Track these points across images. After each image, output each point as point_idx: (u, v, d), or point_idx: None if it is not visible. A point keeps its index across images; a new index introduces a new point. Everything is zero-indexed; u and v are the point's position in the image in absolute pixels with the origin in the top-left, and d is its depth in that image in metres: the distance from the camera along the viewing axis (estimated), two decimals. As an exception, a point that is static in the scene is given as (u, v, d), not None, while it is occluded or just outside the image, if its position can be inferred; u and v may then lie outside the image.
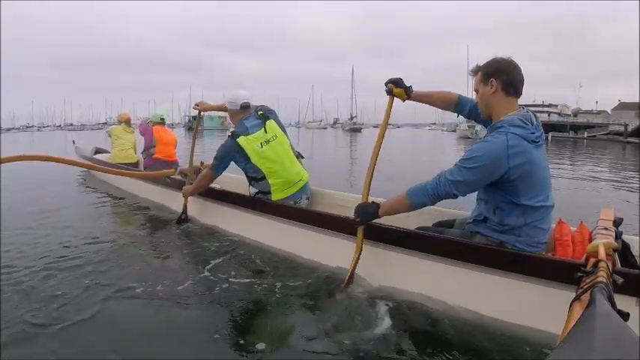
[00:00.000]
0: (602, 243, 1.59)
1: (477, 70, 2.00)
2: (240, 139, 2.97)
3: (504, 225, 1.91)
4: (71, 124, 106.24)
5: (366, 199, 2.31)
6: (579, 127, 42.69)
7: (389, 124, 2.60)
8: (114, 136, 6.41)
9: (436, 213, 2.68)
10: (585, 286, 1.30)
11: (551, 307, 1.67)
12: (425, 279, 2.15)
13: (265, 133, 3.03)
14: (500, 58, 1.93)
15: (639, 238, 2.14)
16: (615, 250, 1.65)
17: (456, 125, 45.07)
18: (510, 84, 1.89)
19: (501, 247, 1.93)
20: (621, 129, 36.86)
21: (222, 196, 3.54)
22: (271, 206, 3.02)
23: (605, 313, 1.05)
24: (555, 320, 1.39)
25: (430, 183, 1.96)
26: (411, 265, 2.19)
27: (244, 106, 3.18)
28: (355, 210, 2.26)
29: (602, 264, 1.41)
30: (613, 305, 1.15)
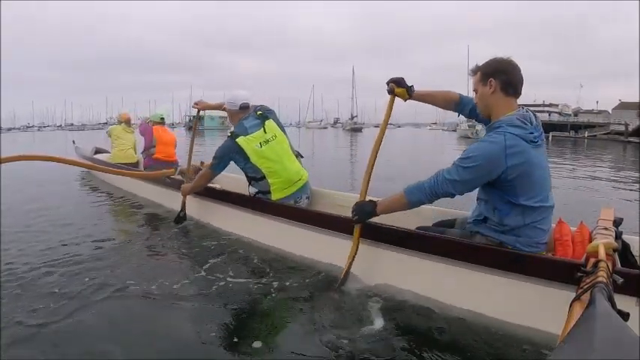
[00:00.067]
0: (602, 243, 1.59)
1: (476, 70, 1.99)
2: (240, 139, 2.97)
3: (504, 225, 1.91)
4: (72, 124, 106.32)
5: (364, 197, 2.32)
6: (580, 127, 42.66)
7: (390, 123, 2.59)
8: (114, 136, 6.41)
9: (436, 213, 2.68)
10: (585, 286, 1.30)
11: (551, 307, 1.66)
12: (425, 279, 2.15)
13: (264, 133, 3.03)
14: (500, 58, 1.93)
15: (639, 238, 2.14)
16: (615, 250, 1.65)
17: (457, 125, 45.05)
18: (509, 84, 1.89)
19: (501, 247, 1.93)
20: (622, 129, 36.83)
21: (221, 196, 3.53)
22: (270, 206, 3.02)
23: (605, 313, 1.05)
24: (555, 320, 1.39)
25: (428, 181, 1.97)
26: (411, 265, 2.19)
27: (243, 107, 3.18)
28: (353, 208, 2.27)
29: (602, 264, 1.41)
30: (613, 305, 1.15)
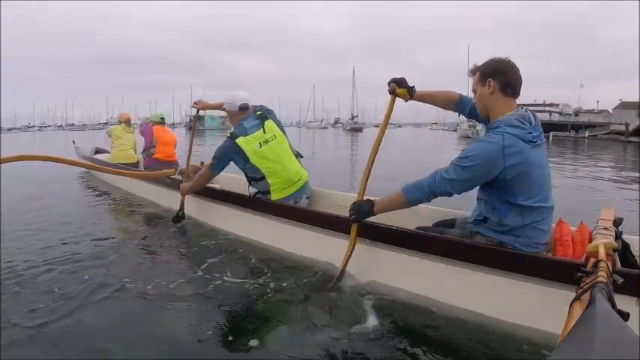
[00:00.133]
0: (602, 243, 1.58)
1: (474, 71, 2.00)
2: (239, 139, 2.97)
3: (503, 225, 1.91)
4: (72, 124, 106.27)
5: (362, 196, 2.33)
6: (580, 127, 42.64)
7: (390, 123, 2.59)
8: (114, 136, 6.41)
9: (436, 213, 2.68)
10: (585, 286, 1.29)
11: (551, 307, 1.66)
12: (424, 279, 2.15)
13: (264, 133, 3.04)
14: (498, 58, 1.93)
15: (639, 238, 2.14)
16: (615, 250, 1.65)
17: (457, 125, 45.04)
18: (508, 84, 1.90)
19: (501, 247, 1.93)
20: (622, 128, 36.82)
21: (221, 196, 3.54)
22: (270, 206, 3.02)
23: (605, 313, 1.05)
24: (555, 320, 1.38)
25: (426, 180, 1.98)
26: (411, 265, 2.19)
27: (243, 107, 3.18)
28: (350, 207, 2.28)
29: (602, 264, 1.41)
30: (613, 305, 1.15)
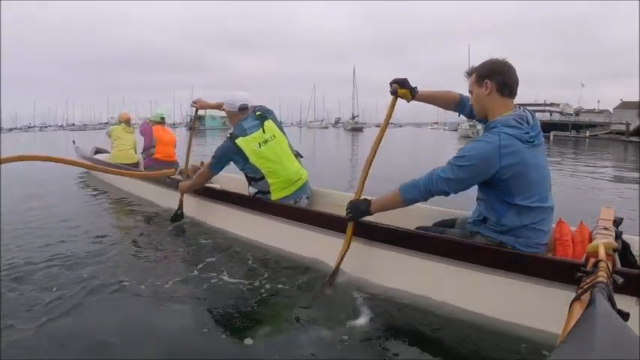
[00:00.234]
0: (602, 243, 1.58)
1: (471, 72, 2.01)
2: (239, 140, 2.98)
3: (502, 225, 1.91)
4: (73, 124, 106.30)
5: (359, 196, 2.35)
6: (581, 126, 42.55)
7: (391, 123, 2.60)
8: (114, 137, 6.41)
9: (436, 213, 2.68)
10: (585, 286, 1.29)
11: (551, 307, 1.66)
12: (424, 279, 2.14)
13: (263, 133, 3.04)
14: (495, 59, 1.94)
15: (639, 238, 2.13)
16: (615, 250, 1.65)
17: (458, 125, 45.01)
18: (505, 85, 1.90)
19: (501, 247, 1.93)
20: (623, 128, 36.77)
21: (221, 196, 3.54)
22: (269, 206, 3.03)
23: (605, 313, 1.05)
24: (555, 320, 1.38)
25: (423, 179, 1.99)
26: (410, 265, 2.18)
27: (242, 108, 3.18)
28: (347, 206, 2.30)
29: (602, 264, 1.40)
30: (613, 305, 1.15)
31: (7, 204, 4.67)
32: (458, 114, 2.46)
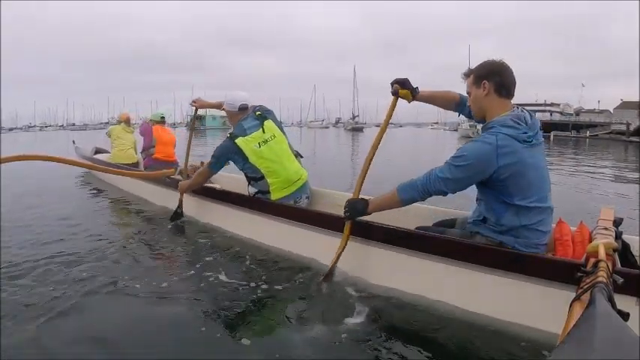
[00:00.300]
0: (602, 243, 1.58)
1: (469, 74, 2.02)
2: (239, 140, 2.98)
3: (501, 225, 1.91)
4: (73, 123, 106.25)
5: (357, 195, 2.35)
6: (581, 126, 42.50)
7: (392, 123, 2.60)
8: (114, 136, 6.40)
9: (436, 213, 2.68)
10: (585, 286, 1.29)
11: (552, 307, 1.66)
12: (423, 279, 2.14)
13: (263, 133, 3.04)
14: (492, 60, 1.96)
15: (639, 238, 2.13)
16: (615, 250, 1.65)
17: (458, 125, 45.01)
18: (503, 86, 1.91)
19: (501, 247, 1.92)
20: (623, 128, 36.73)
21: (220, 196, 3.54)
22: (268, 205, 3.03)
23: (605, 313, 1.05)
24: (555, 320, 1.38)
25: (420, 179, 1.99)
26: (410, 265, 2.18)
27: (242, 108, 3.18)
28: (345, 205, 2.31)
29: (602, 264, 1.40)
30: (613, 305, 1.15)
31: (7, 204, 4.68)
32: (458, 114, 2.47)
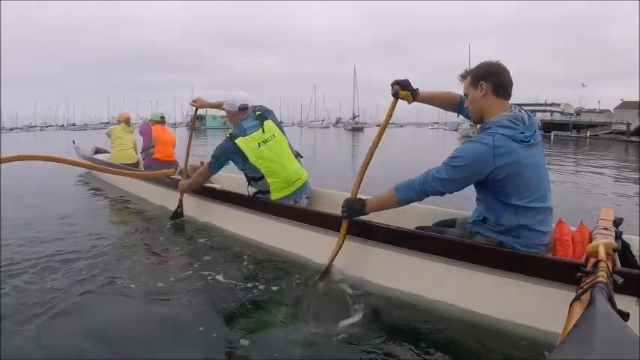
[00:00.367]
0: (602, 243, 1.58)
1: (465, 75, 2.03)
2: (238, 140, 2.99)
3: (500, 225, 1.92)
4: (74, 123, 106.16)
5: (355, 195, 2.36)
6: (582, 126, 42.46)
7: (392, 123, 2.60)
8: (114, 136, 6.39)
9: (436, 213, 2.68)
10: (585, 286, 1.29)
11: (552, 307, 1.66)
12: (424, 279, 2.14)
13: (263, 133, 3.04)
14: (489, 61, 1.97)
15: (639, 238, 2.13)
16: (615, 250, 1.65)
17: (458, 124, 45.00)
18: (500, 86, 1.92)
19: (501, 247, 1.92)
20: (624, 128, 36.69)
21: (220, 196, 3.54)
22: (268, 205, 3.03)
23: (605, 313, 1.05)
24: (555, 320, 1.38)
25: (418, 179, 2.00)
26: (410, 265, 2.18)
27: (242, 108, 3.18)
28: (342, 204, 2.32)
29: (602, 264, 1.40)
30: (613, 305, 1.15)
31: (8, 205, 4.68)
32: (457, 114, 2.47)
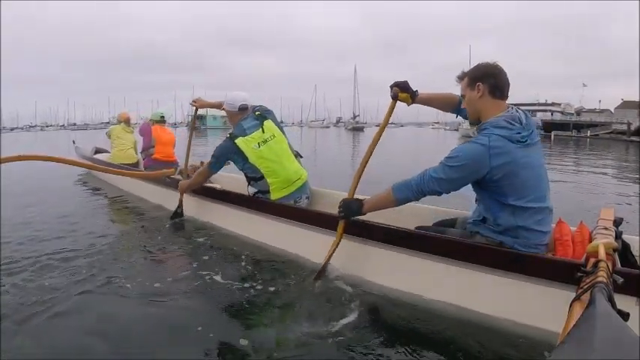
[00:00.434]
0: (602, 243, 1.58)
1: (462, 77, 2.04)
2: (238, 140, 2.99)
3: (498, 225, 1.92)
4: (74, 123, 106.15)
5: (352, 195, 2.38)
6: (582, 126, 42.39)
7: (393, 123, 2.61)
8: (114, 136, 6.38)
9: (436, 213, 2.68)
10: (585, 286, 1.29)
11: (552, 306, 1.66)
12: (424, 279, 2.14)
13: (263, 133, 3.05)
14: (486, 63, 1.98)
15: (639, 238, 2.13)
16: (615, 250, 1.65)
17: (459, 124, 44.95)
18: (496, 87, 1.93)
19: (501, 247, 1.92)
20: (624, 128, 36.65)
21: (220, 195, 3.54)
22: (267, 205, 3.03)
23: (605, 313, 1.05)
24: (555, 320, 1.38)
25: (415, 179, 2.01)
26: (411, 265, 2.18)
27: (242, 108, 3.18)
28: (340, 204, 2.33)
29: (602, 264, 1.40)
30: (613, 305, 1.15)
31: (8, 204, 4.68)
32: (456, 115, 2.47)
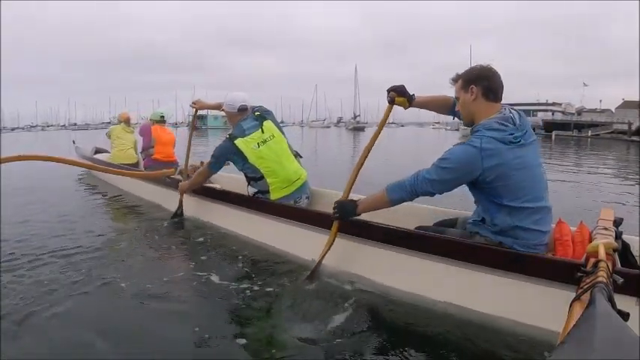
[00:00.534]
0: (602, 243, 1.58)
1: (457, 79, 2.04)
2: (238, 140, 3.00)
3: (495, 226, 1.93)
4: (75, 123, 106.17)
5: (347, 196, 2.38)
6: (583, 126, 42.31)
7: (393, 123, 2.61)
8: (114, 137, 6.38)
9: (436, 213, 2.68)
10: (585, 286, 1.29)
11: (552, 307, 1.65)
12: (424, 278, 2.14)
13: (262, 133, 3.05)
14: (480, 65, 1.98)
15: (639, 238, 2.12)
16: (615, 250, 1.64)
17: (459, 124, 44.94)
18: (490, 90, 1.93)
19: (500, 247, 1.92)
20: (625, 127, 36.60)
21: (220, 196, 3.55)
22: (267, 205, 3.04)
23: (605, 313, 1.05)
24: (555, 320, 1.38)
25: (409, 180, 2.02)
26: (411, 265, 2.18)
27: (242, 109, 3.18)
28: (334, 205, 2.33)
29: (602, 264, 1.40)
30: (613, 305, 1.15)
31: (8, 205, 4.69)
32: (452, 117, 2.48)
